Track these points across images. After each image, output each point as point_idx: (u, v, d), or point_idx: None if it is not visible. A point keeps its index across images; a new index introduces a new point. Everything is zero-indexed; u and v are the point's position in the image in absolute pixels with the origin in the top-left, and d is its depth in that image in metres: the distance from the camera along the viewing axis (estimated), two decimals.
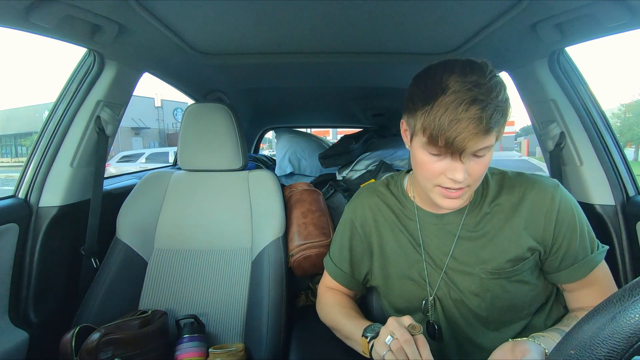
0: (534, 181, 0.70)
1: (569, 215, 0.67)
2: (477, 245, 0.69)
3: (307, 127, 3.11)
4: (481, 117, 0.54)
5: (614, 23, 0.74)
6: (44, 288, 1.00)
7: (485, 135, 0.56)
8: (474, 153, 0.59)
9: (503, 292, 0.67)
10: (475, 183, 0.63)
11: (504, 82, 0.59)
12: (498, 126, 0.57)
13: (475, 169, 0.60)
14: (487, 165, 0.61)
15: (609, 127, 1.06)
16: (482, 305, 0.68)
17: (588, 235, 0.68)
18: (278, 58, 1.14)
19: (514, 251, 0.67)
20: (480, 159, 0.60)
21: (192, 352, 0.91)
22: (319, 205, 1.29)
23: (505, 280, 0.67)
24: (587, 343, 0.27)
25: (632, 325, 0.25)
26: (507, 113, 0.58)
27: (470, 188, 0.63)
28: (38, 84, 68.23)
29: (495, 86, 0.56)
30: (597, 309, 0.28)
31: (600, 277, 0.69)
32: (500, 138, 0.61)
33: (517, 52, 1.03)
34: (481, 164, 0.60)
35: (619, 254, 0.98)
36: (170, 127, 22.71)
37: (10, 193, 1.03)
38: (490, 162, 0.63)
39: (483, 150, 0.58)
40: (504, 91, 0.57)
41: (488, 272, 0.67)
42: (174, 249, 1.13)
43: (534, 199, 0.68)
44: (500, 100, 0.56)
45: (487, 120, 0.54)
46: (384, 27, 0.92)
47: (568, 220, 0.66)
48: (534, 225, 0.67)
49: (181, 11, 0.82)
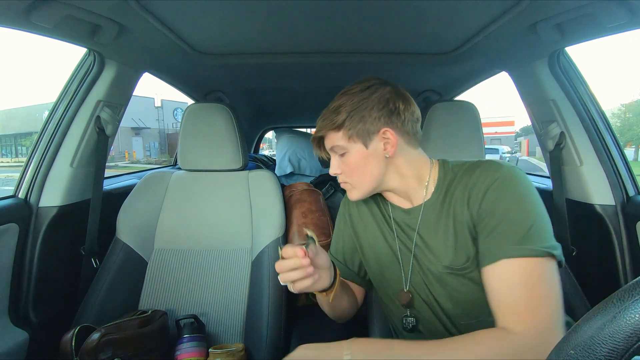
0: (481, 165, 0.66)
1: (499, 196, 0.61)
2: (434, 241, 0.69)
3: (307, 127, 3.11)
4: (320, 124, 0.72)
5: (614, 23, 0.74)
6: (44, 288, 1.00)
7: (328, 136, 0.72)
8: (332, 151, 0.73)
9: (461, 286, 0.66)
10: (351, 180, 0.72)
11: (350, 100, 0.69)
12: (332, 129, 0.70)
13: (342, 167, 0.72)
14: (352, 166, 0.70)
15: (609, 127, 1.06)
16: (446, 298, 0.68)
17: (515, 226, 0.59)
18: (278, 58, 1.14)
19: (462, 247, 0.65)
20: (342, 158, 0.71)
21: (192, 352, 0.91)
22: (319, 205, 1.29)
23: (460, 276, 0.66)
24: (587, 343, 0.27)
25: (632, 325, 0.25)
26: (339, 121, 0.69)
27: (350, 185, 0.73)
28: (38, 84, 68.25)
29: (338, 101, 0.70)
30: (597, 309, 0.28)
31: (503, 279, 0.58)
32: (362, 139, 0.68)
33: (517, 52, 1.03)
34: (346, 163, 0.71)
35: (619, 254, 0.98)
36: (170, 127, 22.71)
37: (10, 193, 1.03)
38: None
39: (335, 148, 0.71)
40: (341, 103, 0.69)
41: (444, 267, 0.67)
42: (174, 249, 1.13)
43: (472, 181, 0.65)
44: (333, 109, 0.70)
45: (322, 120, 0.71)
46: (384, 27, 0.92)
47: (495, 201, 0.61)
48: (469, 209, 0.64)
49: (181, 11, 0.82)
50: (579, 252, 1.07)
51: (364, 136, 0.68)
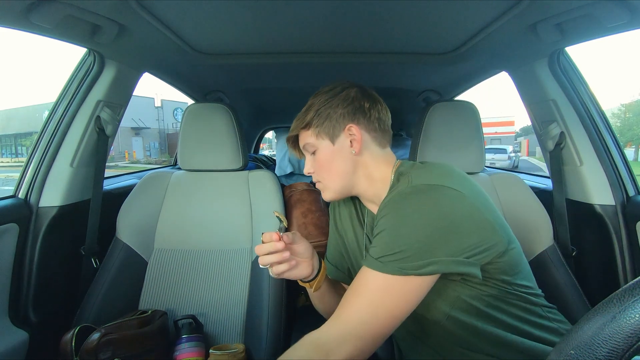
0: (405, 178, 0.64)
1: (384, 215, 0.61)
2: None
3: None
4: (293, 125, 0.76)
5: (614, 23, 0.74)
6: (44, 288, 1.00)
7: (300, 135, 0.76)
8: (305, 150, 0.76)
9: None
10: (323, 179, 0.74)
11: (318, 102, 0.73)
12: (301, 128, 0.74)
13: (315, 165, 0.74)
14: (322, 162, 0.72)
15: (609, 127, 1.06)
16: None
17: (385, 244, 0.58)
18: (278, 58, 1.14)
19: None
20: (314, 157, 0.74)
21: (191, 352, 0.91)
22: (319, 205, 1.29)
23: None
24: (587, 343, 0.27)
25: (632, 325, 0.25)
26: (307, 119, 0.73)
27: (323, 184, 0.74)
28: (38, 84, 68.26)
29: (317, 98, 0.73)
30: (597, 309, 0.28)
31: (356, 283, 0.60)
32: (329, 135, 0.71)
33: (517, 52, 1.03)
34: (317, 161, 0.73)
35: (619, 254, 0.98)
36: (170, 127, 22.70)
37: (10, 193, 1.03)
38: None
39: (306, 146, 0.75)
40: (311, 103, 0.74)
41: None
42: (174, 249, 1.13)
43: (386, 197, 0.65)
44: (303, 111, 0.74)
45: (296, 120, 0.75)
46: (384, 27, 0.92)
47: (381, 218, 0.61)
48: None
49: (181, 11, 0.82)
50: (579, 252, 1.07)
51: (330, 132, 0.71)
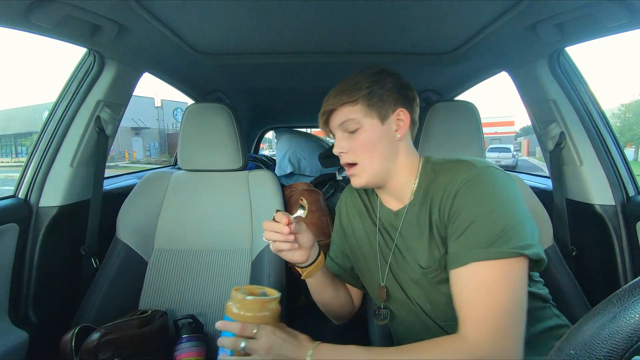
0: (459, 163, 0.65)
1: (469, 197, 0.60)
2: (413, 242, 0.69)
3: (307, 127, 3.11)
4: (328, 99, 0.71)
5: (614, 23, 0.74)
6: (44, 288, 1.00)
7: (338, 110, 0.69)
8: (343, 129, 0.70)
9: (435, 288, 0.66)
10: (361, 161, 0.69)
11: (378, 72, 0.70)
12: (349, 101, 0.68)
13: (351, 145, 0.69)
14: (364, 142, 0.68)
15: (609, 127, 1.06)
16: (425, 300, 0.68)
17: (486, 228, 0.57)
18: (278, 58, 1.14)
19: (434, 249, 0.65)
20: (353, 135, 0.69)
21: (191, 352, 0.91)
22: (319, 205, 1.29)
23: (434, 276, 0.66)
24: (587, 343, 0.27)
25: (632, 325, 0.25)
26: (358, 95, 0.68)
27: (360, 166, 0.70)
28: (38, 84, 68.25)
29: (353, 78, 0.70)
30: (597, 309, 0.28)
31: (470, 281, 0.57)
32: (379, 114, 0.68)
33: (517, 52, 1.03)
34: (356, 140, 0.69)
35: (619, 254, 0.98)
36: (170, 127, 22.71)
37: (10, 193, 1.03)
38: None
39: (346, 124, 0.69)
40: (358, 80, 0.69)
41: (420, 268, 0.67)
42: (174, 249, 1.13)
43: (446, 180, 0.64)
44: (351, 84, 0.69)
45: (333, 98, 0.69)
46: (384, 27, 0.92)
47: (464, 202, 0.60)
48: (440, 210, 0.64)
49: (181, 11, 0.82)
50: (579, 252, 1.07)
51: (381, 112, 0.68)
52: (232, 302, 0.63)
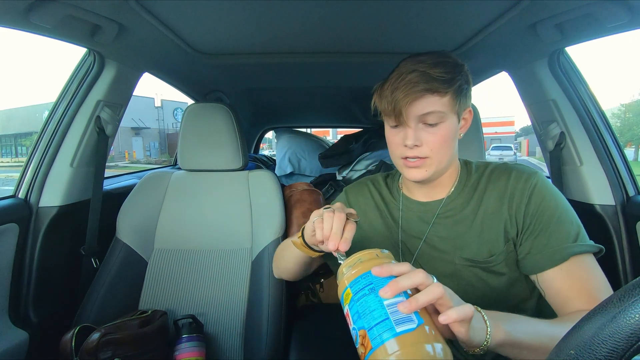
0: (513, 168, 0.70)
1: (544, 198, 0.64)
2: (455, 231, 0.69)
3: (307, 127, 3.11)
4: (417, 82, 0.60)
5: (614, 23, 0.74)
6: (44, 288, 1.00)
7: (423, 98, 0.61)
8: (423, 120, 0.63)
9: (477, 280, 0.67)
10: (434, 155, 0.65)
11: (462, 64, 0.66)
12: (440, 91, 0.61)
13: (429, 139, 0.64)
14: (444, 138, 0.64)
15: (609, 127, 1.06)
16: (455, 290, 0.68)
17: (568, 225, 0.63)
18: (278, 58, 1.14)
19: (489, 240, 0.66)
20: (432, 128, 0.64)
21: (191, 352, 0.91)
22: (319, 205, 1.29)
23: (480, 269, 0.67)
24: (587, 343, 0.27)
25: (632, 325, 0.25)
26: (452, 86, 0.62)
27: (431, 160, 0.65)
28: (38, 84, 68.19)
29: (443, 63, 0.63)
30: (597, 309, 0.28)
31: (578, 273, 0.61)
32: (458, 110, 0.65)
33: (517, 52, 1.03)
34: (435, 134, 0.64)
35: (619, 254, 0.98)
36: (170, 127, 22.70)
37: (10, 193, 1.03)
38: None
39: (430, 116, 0.62)
40: (452, 65, 0.64)
41: (463, 259, 0.67)
42: (174, 249, 1.13)
43: (511, 183, 0.67)
44: (444, 71, 0.62)
45: (424, 83, 0.60)
46: (384, 27, 0.92)
47: (542, 203, 0.64)
48: (509, 210, 0.66)
49: (181, 11, 0.82)
50: None
51: (461, 108, 0.66)
52: (363, 259, 0.50)
